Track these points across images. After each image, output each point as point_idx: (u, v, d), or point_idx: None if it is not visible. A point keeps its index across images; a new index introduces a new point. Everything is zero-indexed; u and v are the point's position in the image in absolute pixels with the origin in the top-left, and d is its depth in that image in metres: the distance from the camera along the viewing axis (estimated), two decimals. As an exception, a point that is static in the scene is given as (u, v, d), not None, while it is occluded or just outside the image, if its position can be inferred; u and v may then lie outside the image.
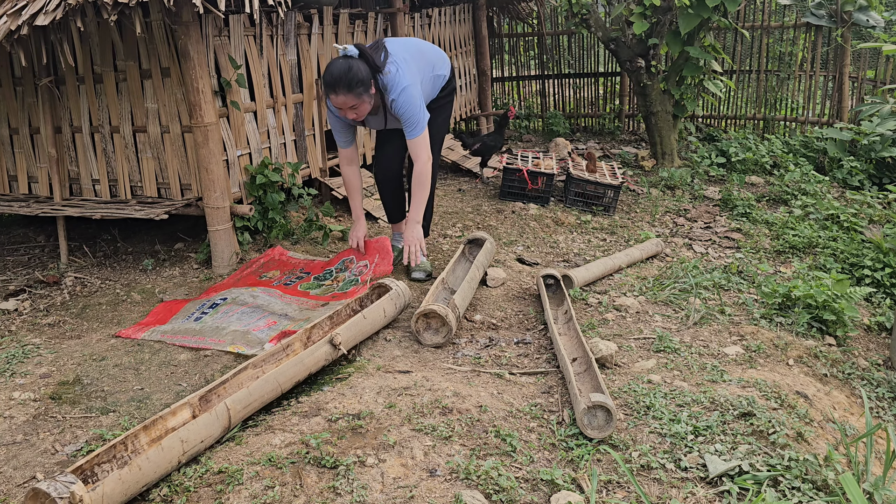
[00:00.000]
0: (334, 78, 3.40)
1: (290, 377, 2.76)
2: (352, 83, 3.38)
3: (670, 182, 6.05)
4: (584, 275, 3.98)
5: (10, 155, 5.00)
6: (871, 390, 3.12)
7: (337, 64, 3.42)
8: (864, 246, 4.58)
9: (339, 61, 3.42)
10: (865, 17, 6.82)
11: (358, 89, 3.41)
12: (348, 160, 3.85)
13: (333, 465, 2.26)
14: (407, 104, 3.55)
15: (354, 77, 3.39)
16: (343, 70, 3.38)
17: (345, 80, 3.37)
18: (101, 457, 2.23)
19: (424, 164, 3.65)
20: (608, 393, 2.59)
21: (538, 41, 8.88)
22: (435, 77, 3.87)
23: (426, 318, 3.23)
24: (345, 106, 3.47)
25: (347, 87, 3.39)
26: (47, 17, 3.55)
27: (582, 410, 2.44)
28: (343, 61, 3.41)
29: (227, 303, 3.69)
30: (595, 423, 2.45)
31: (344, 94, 3.40)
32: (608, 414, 2.43)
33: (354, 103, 3.46)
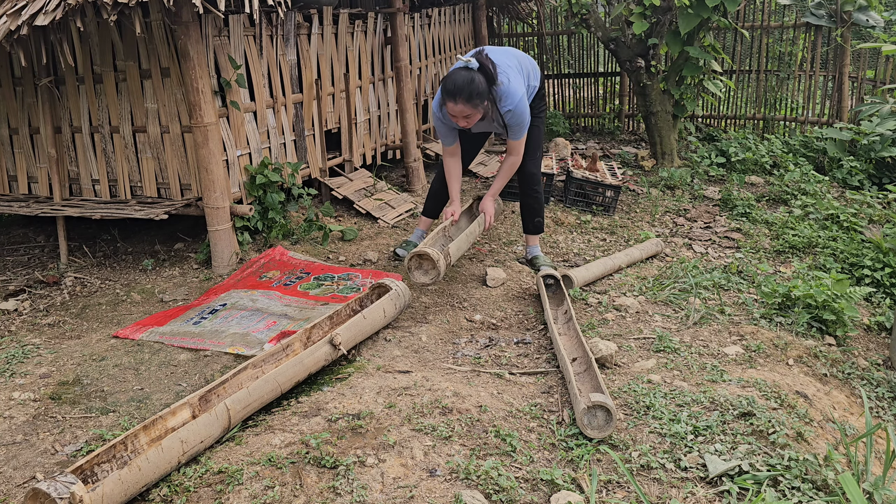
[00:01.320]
0: (457, 87, 3.55)
1: (290, 377, 2.76)
2: (472, 94, 3.55)
3: (670, 182, 6.05)
4: (583, 275, 3.98)
5: (9, 155, 5.00)
6: (871, 390, 3.12)
7: (460, 74, 3.57)
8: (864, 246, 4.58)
9: (462, 72, 3.57)
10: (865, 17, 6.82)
11: (476, 100, 3.58)
12: (451, 153, 4.08)
13: (333, 465, 2.26)
14: (520, 114, 3.79)
15: (476, 89, 3.55)
16: (466, 81, 3.54)
17: (466, 90, 3.54)
18: (101, 457, 2.23)
19: (517, 159, 4.01)
20: (608, 393, 2.59)
21: (538, 41, 8.88)
22: (531, 88, 4.06)
23: (420, 258, 3.47)
24: (460, 114, 3.65)
25: (468, 98, 3.56)
26: (47, 17, 3.55)
27: (582, 410, 2.44)
28: (466, 72, 3.57)
29: (227, 308, 3.69)
30: (595, 422, 2.45)
31: (463, 103, 3.58)
32: (608, 414, 2.43)
33: (469, 113, 3.64)
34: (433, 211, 4.48)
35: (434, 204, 4.45)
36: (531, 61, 4.11)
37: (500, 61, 3.78)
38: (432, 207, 4.47)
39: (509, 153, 4.00)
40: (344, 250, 4.63)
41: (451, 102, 3.61)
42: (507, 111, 3.76)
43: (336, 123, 5.42)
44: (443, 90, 3.63)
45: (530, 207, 4.29)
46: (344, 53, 5.43)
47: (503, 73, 3.72)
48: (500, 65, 3.74)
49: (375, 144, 5.90)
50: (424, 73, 6.64)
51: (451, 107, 3.63)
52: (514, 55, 3.99)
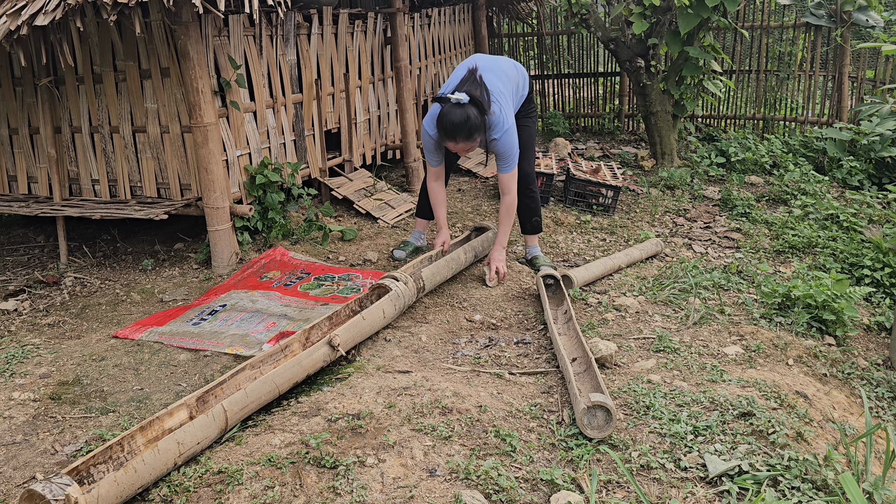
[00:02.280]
0: (455, 127, 3.61)
1: (288, 379, 2.75)
2: (471, 131, 3.63)
3: (670, 182, 6.05)
4: (583, 275, 3.98)
5: (9, 155, 5.00)
6: (871, 390, 3.12)
7: (455, 113, 3.61)
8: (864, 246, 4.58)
9: (457, 111, 3.61)
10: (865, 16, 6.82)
11: (475, 134, 3.66)
12: (436, 177, 4.11)
13: (333, 465, 2.26)
14: (507, 144, 3.82)
15: (472, 126, 3.63)
16: (462, 119, 3.60)
17: (464, 129, 3.62)
18: (98, 458, 2.23)
19: (513, 198, 3.97)
20: (608, 393, 2.59)
21: (538, 41, 8.88)
22: (519, 97, 4.11)
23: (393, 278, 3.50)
24: (461, 150, 3.74)
25: (467, 136, 3.64)
26: (47, 18, 3.55)
27: (582, 410, 2.44)
28: (460, 111, 3.60)
29: (227, 309, 3.69)
30: (595, 422, 2.45)
31: (463, 141, 3.67)
32: (608, 414, 2.43)
33: (470, 147, 3.74)
34: (428, 211, 4.48)
35: (425, 202, 4.46)
36: (520, 69, 4.14)
37: (493, 86, 3.81)
38: (426, 206, 4.47)
39: (504, 192, 3.97)
40: (344, 250, 4.63)
41: (451, 142, 3.68)
42: (493, 140, 3.81)
43: (336, 123, 5.42)
44: (440, 129, 3.68)
45: (527, 207, 4.30)
46: (344, 53, 5.43)
47: (496, 102, 3.77)
48: (493, 91, 3.79)
49: (375, 144, 5.90)
50: (424, 73, 6.64)
51: (451, 145, 3.71)
52: (505, 71, 4.00)
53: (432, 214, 4.47)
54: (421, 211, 4.53)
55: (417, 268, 3.80)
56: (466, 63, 3.95)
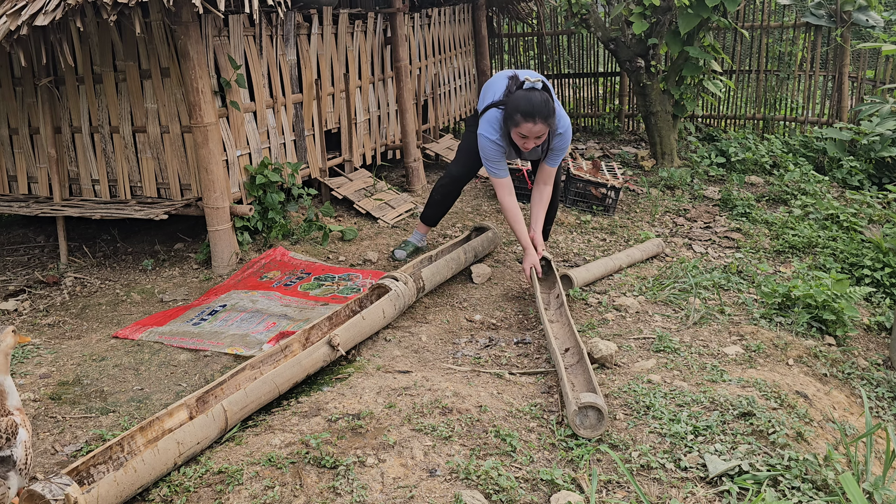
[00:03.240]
0: (535, 107, 3.55)
1: (288, 379, 2.75)
2: (549, 114, 3.59)
3: (670, 182, 6.05)
4: (584, 275, 3.98)
5: (9, 155, 5.00)
6: (871, 390, 3.12)
7: (535, 95, 3.58)
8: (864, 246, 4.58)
9: (536, 93, 3.59)
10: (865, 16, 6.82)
11: (551, 119, 3.62)
12: (510, 190, 3.88)
13: (333, 465, 2.26)
14: (565, 140, 3.84)
15: (551, 109, 3.59)
16: (543, 101, 3.57)
17: (545, 110, 3.57)
18: (98, 458, 2.23)
19: (551, 189, 4.00)
20: (599, 388, 2.59)
21: (538, 41, 8.88)
22: None
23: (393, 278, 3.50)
24: (534, 134, 3.62)
25: (545, 117, 3.58)
26: (47, 18, 3.55)
27: (573, 412, 2.45)
28: (539, 94, 3.59)
29: (227, 310, 3.69)
30: (587, 422, 2.45)
31: (542, 123, 3.58)
32: (599, 413, 2.44)
33: (544, 132, 3.64)
34: (433, 219, 4.47)
35: (434, 212, 4.44)
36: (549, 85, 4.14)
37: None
38: (432, 215, 4.45)
39: (545, 182, 3.95)
40: (344, 250, 4.63)
41: (531, 123, 3.57)
42: (559, 134, 3.78)
43: (336, 123, 5.42)
44: (517, 111, 3.57)
45: (549, 215, 4.30)
46: (344, 53, 5.43)
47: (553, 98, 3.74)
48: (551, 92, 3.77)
49: (375, 144, 5.90)
50: (424, 73, 6.64)
51: (529, 127, 3.58)
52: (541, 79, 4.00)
53: (437, 222, 4.49)
54: (427, 218, 4.47)
55: (417, 268, 3.80)
56: (503, 73, 3.91)
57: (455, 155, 4.32)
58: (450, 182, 4.28)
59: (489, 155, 3.81)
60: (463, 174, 4.25)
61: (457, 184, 4.29)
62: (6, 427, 2.07)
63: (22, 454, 2.11)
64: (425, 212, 4.47)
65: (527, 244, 3.85)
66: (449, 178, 4.28)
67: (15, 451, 2.09)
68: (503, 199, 3.86)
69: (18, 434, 2.10)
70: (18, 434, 2.10)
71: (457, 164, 4.25)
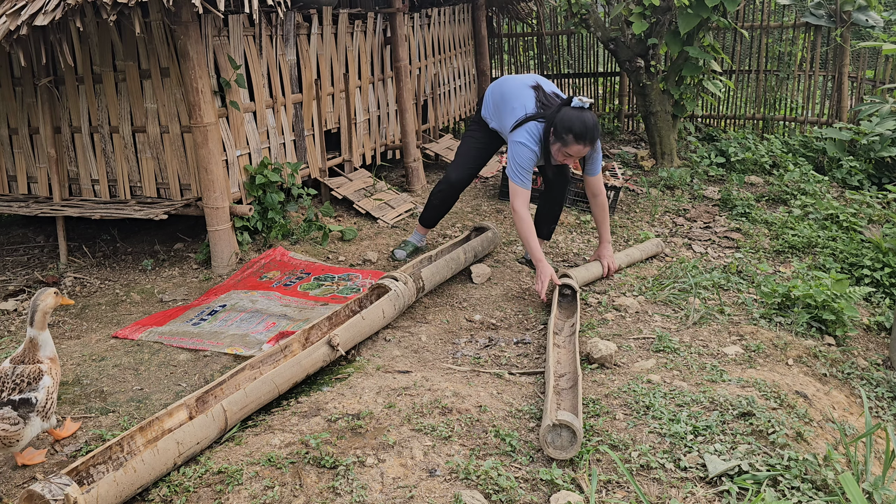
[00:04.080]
0: (589, 130, 3.60)
1: (287, 378, 2.75)
2: (597, 135, 3.68)
3: (670, 182, 6.05)
4: (583, 275, 3.98)
5: (9, 155, 5.00)
6: (871, 390, 3.12)
7: (588, 116, 3.61)
8: (864, 246, 4.58)
9: (588, 114, 3.63)
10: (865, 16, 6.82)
11: (598, 140, 3.72)
12: (527, 201, 3.84)
13: (333, 465, 2.26)
14: (599, 149, 3.91)
15: (600, 130, 3.70)
16: (594, 123, 3.63)
17: (596, 133, 3.65)
18: (97, 458, 2.23)
19: (605, 197, 4.09)
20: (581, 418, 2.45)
21: (537, 41, 8.88)
22: None
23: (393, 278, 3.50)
24: (581, 155, 3.70)
25: (594, 139, 3.65)
26: (46, 18, 3.55)
27: (547, 427, 2.34)
28: (591, 114, 3.64)
29: (227, 310, 3.69)
30: (559, 442, 2.34)
31: (591, 144, 3.66)
32: (573, 436, 2.32)
33: (586, 152, 3.70)
34: (431, 222, 4.49)
35: (432, 215, 4.45)
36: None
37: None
38: (430, 218, 4.47)
39: (597, 194, 4.04)
40: (344, 250, 4.63)
41: (580, 145, 3.62)
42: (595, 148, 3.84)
43: (336, 123, 5.42)
44: (570, 132, 3.58)
45: (553, 214, 4.33)
46: (343, 53, 5.43)
47: None
48: None
49: (375, 144, 5.90)
50: (424, 73, 6.64)
51: (579, 149, 3.64)
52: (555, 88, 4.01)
53: (436, 224, 4.52)
54: (426, 220, 4.48)
55: (417, 268, 3.80)
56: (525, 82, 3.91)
57: (454, 159, 4.31)
58: (448, 188, 4.29)
59: (524, 163, 3.78)
60: (462, 180, 4.24)
61: (455, 189, 4.30)
62: (30, 373, 2.42)
63: (43, 398, 2.42)
64: (424, 214, 4.47)
65: (540, 257, 3.77)
66: (447, 184, 4.28)
67: (37, 395, 2.40)
68: (519, 209, 3.78)
69: (42, 380, 2.42)
70: (42, 380, 2.42)
71: (455, 169, 4.23)
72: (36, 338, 2.47)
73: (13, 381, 2.39)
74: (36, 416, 2.40)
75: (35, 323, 2.46)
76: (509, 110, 3.85)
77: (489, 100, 4.06)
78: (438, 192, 4.34)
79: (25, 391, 2.38)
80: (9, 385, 2.38)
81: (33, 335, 2.46)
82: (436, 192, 4.37)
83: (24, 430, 2.36)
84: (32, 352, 2.45)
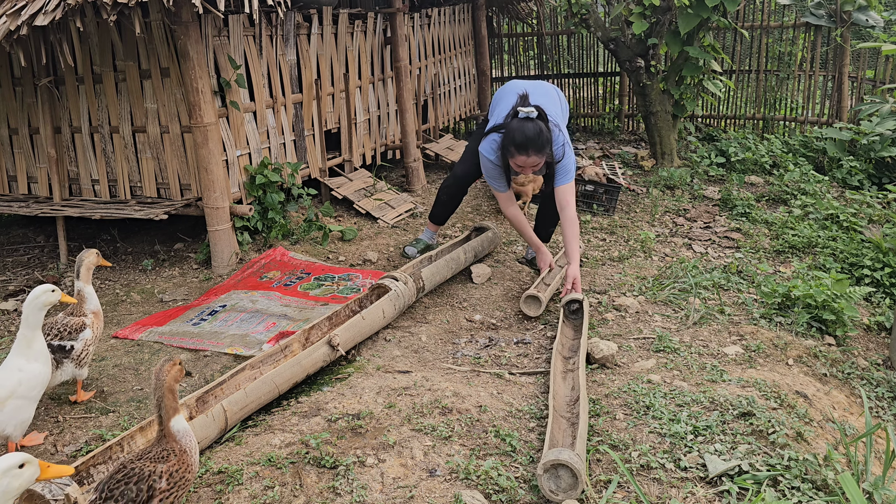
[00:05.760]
0: (529, 140, 3.54)
1: (288, 378, 2.75)
2: (543, 144, 3.57)
3: (670, 182, 6.05)
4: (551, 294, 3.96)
5: (9, 155, 5.00)
6: (871, 390, 3.12)
7: (528, 126, 3.56)
8: (864, 246, 4.58)
9: (529, 124, 3.57)
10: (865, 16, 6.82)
11: (546, 148, 3.59)
12: (511, 201, 3.97)
13: (333, 465, 2.26)
14: (569, 156, 3.78)
15: (545, 139, 3.57)
16: (536, 132, 3.55)
17: (538, 142, 3.55)
18: (97, 458, 2.22)
19: (573, 211, 3.83)
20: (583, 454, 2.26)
21: (538, 41, 8.88)
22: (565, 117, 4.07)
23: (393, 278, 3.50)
24: (529, 165, 3.62)
25: (539, 149, 3.56)
26: (47, 18, 3.55)
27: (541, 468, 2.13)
28: (533, 124, 3.56)
29: (227, 310, 3.69)
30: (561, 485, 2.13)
31: (535, 154, 3.58)
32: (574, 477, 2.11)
33: (539, 162, 3.62)
34: (441, 218, 4.51)
35: (441, 211, 4.48)
36: (561, 95, 4.12)
37: (549, 109, 3.76)
38: (440, 214, 4.49)
39: (564, 206, 3.79)
40: (344, 250, 4.63)
41: (524, 156, 3.59)
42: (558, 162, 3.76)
43: (336, 123, 5.42)
44: (511, 144, 3.59)
45: (553, 218, 4.29)
46: (344, 53, 5.43)
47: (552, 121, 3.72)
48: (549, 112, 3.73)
49: (375, 144, 5.90)
50: (424, 73, 6.64)
51: (522, 160, 3.61)
52: (549, 95, 3.98)
53: (446, 221, 4.54)
54: (435, 217, 4.51)
55: (417, 268, 3.80)
56: (512, 89, 3.91)
57: (461, 155, 4.36)
58: (454, 183, 4.33)
59: (489, 173, 3.89)
60: (468, 174, 4.27)
61: (461, 184, 4.33)
62: (74, 324, 2.76)
63: (80, 347, 2.74)
64: (433, 211, 4.50)
65: (538, 245, 4.00)
66: (454, 178, 4.32)
67: (74, 344, 2.74)
68: (506, 210, 3.97)
69: (83, 332, 2.77)
70: (83, 332, 2.77)
71: (462, 164, 4.29)
72: (82, 290, 2.81)
73: (58, 329, 2.73)
74: (70, 363, 2.73)
75: (80, 276, 2.82)
76: (494, 116, 3.91)
77: (493, 101, 4.12)
78: (446, 188, 4.37)
79: (65, 339, 2.71)
80: (54, 332, 2.72)
81: (80, 287, 2.82)
82: (443, 188, 4.40)
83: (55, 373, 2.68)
84: (80, 305, 2.80)
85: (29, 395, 2.41)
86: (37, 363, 2.45)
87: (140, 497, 1.79)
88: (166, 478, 1.84)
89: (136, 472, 1.81)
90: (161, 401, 1.93)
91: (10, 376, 2.39)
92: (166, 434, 1.92)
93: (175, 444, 1.91)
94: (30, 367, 2.42)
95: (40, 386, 2.46)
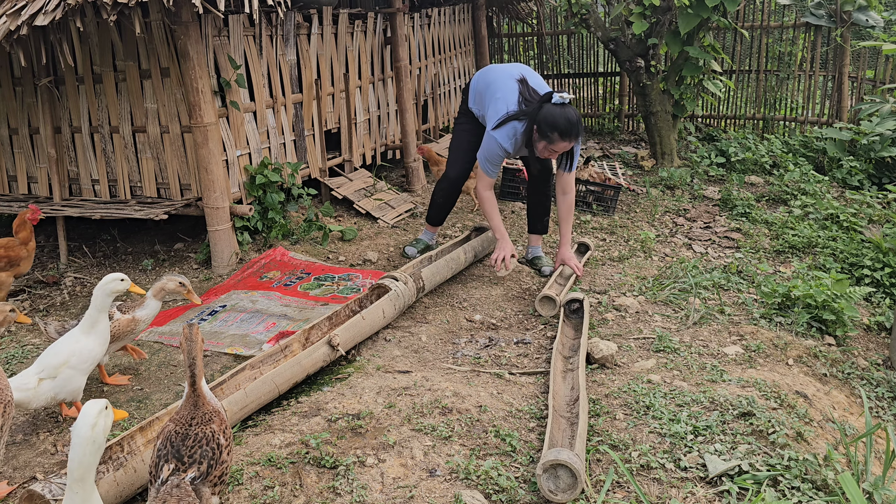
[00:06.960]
0: (572, 125, 3.60)
1: (288, 378, 2.75)
2: (581, 129, 3.68)
3: (670, 182, 6.05)
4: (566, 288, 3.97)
5: (9, 155, 5.00)
6: (871, 390, 3.12)
7: (570, 112, 3.62)
8: (864, 246, 4.58)
9: (570, 110, 3.63)
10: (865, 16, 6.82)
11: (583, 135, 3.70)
12: (491, 185, 4.02)
13: (333, 465, 2.26)
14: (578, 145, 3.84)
15: (583, 125, 3.69)
16: (577, 118, 3.64)
17: (579, 127, 3.65)
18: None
19: (573, 197, 4.03)
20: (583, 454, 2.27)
21: (538, 41, 8.88)
22: None
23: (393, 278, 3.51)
24: (563, 150, 3.71)
25: (579, 134, 3.66)
26: (47, 18, 3.55)
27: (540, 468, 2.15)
28: (573, 111, 3.64)
29: (227, 310, 3.69)
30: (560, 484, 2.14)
31: (576, 139, 3.67)
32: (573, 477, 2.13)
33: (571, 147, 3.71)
34: (438, 219, 4.51)
35: (437, 213, 4.48)
36: None
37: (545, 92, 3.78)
38: (436, 216, 4.49)
39: (566, 192, 3.98)
40: (344, 250, 4.63)
41: (565, 142, 3.64)
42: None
43: (336, 123, 5.42)
44: (555, 130, 3.59)
45: (543, 207, 4.31)
46: (344, 53, 5.43)
47: None
48: None
49: (375, 144, 5.90)
50: (424, 73, 6.64)
51: (563, 145, 3.66)
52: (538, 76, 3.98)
53: (443, 221, 4.54)
54: (432, 219, 4.51)
55: (417, 268, 3.80)
56: (511, 73, 3.89)
57: (449, 155, 4.34)
58: (449, 185, 4.33)
59: (492, 158, 3.87)
60: (461, 175, 4.29)
61: (455, 185, 4.33)
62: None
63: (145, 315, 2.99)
64: (429, 213, 4.50)
65: (502, 233, 3.95)
66: (447, 181, 4.32)
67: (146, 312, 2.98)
68: (482, 192, 3.99)
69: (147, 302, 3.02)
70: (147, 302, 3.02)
71: (452, 166, 4.28)
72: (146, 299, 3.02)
73: None
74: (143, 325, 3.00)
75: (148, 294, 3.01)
76: (492, 101, 3.87)
77: (474, 89, 4.07)
78: (441, 191, 4.37)
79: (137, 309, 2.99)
80: None
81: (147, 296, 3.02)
82: (438, 191, 4.39)
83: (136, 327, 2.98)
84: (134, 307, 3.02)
85: (80, 366, 2.61)
86: (92, 341, 2.65)
87: (215, 455, 1.95)
88: (221, 434, 1.99)
89: (202, 436, 1.96)
90: (195, 360, 1.99)
91: (67, 347, 2.62)
92: (199, 396, 2.01)
93: (209, 406, 2.02)
94: (85, 341, 2.64)
95: (91, 361, 2.66)
